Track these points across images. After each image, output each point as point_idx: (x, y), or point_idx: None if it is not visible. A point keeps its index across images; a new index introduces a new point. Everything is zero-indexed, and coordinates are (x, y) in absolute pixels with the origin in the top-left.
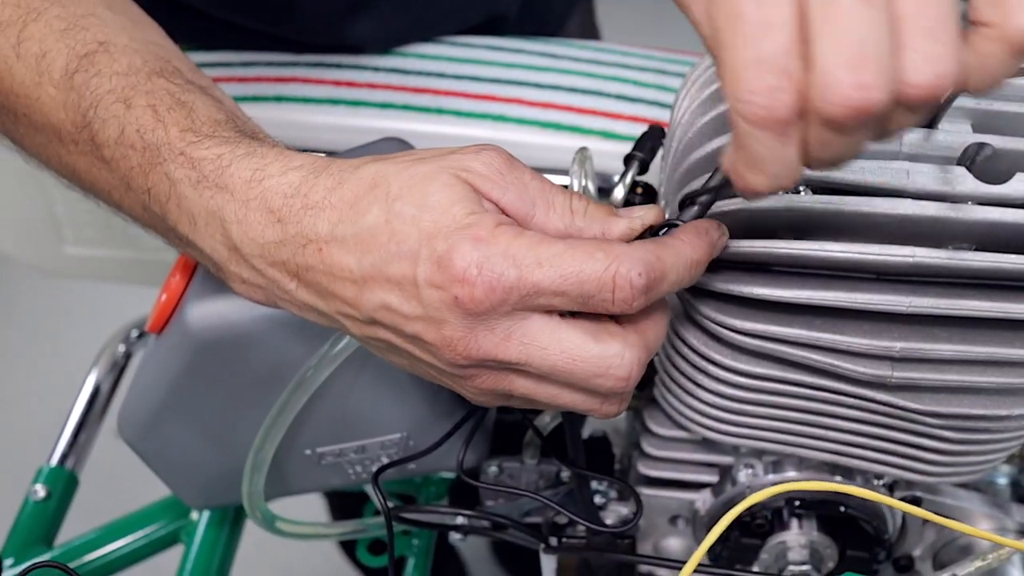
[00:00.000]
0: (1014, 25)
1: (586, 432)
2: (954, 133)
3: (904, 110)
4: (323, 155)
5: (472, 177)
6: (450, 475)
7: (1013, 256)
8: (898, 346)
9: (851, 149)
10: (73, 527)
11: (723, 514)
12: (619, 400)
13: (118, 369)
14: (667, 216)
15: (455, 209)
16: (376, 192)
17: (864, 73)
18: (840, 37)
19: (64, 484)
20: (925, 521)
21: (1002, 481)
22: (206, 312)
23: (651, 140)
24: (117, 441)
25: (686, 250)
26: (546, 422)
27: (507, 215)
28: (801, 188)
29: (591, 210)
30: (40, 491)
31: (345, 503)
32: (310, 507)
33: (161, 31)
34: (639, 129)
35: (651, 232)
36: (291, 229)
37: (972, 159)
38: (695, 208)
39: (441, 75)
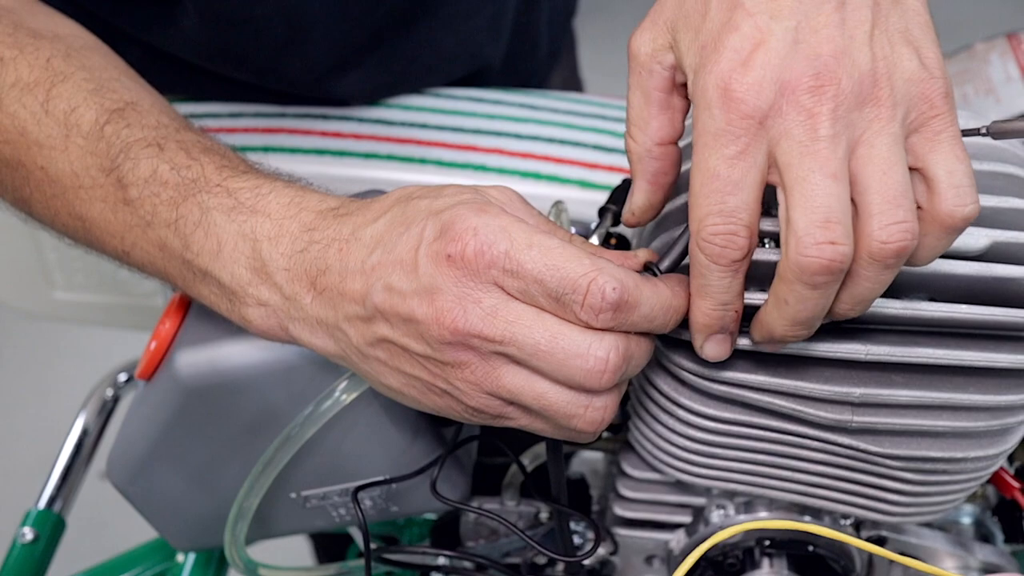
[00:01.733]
0: (942, 210)
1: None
2: None
3: (879, 267)
4: None
5: (486, 194)
6: (432, 517)
7: (965, 307)
8: (857, 392)
9: (822, 305)
10: (59, 570)
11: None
12: (602, 408)
13: (106, 413)
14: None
15: (465, 195)
16: (400, 199)
17: (833, 232)
18: (812, 205)
19: (52, 527)
20: (892, 561)
21: (966, 520)
22: (195, 360)
23: (625, 192)
24: (102, 484)
25: (666, 293)
26: (527, 462)
27: None
28: (766, 242)
29: (587, 244)
30: (28, 534)
31: (330, 543)
32: (292, 547)
33: (177, 111)
34: (616, 178)
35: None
36: (318, 235)
37: None
38: (671, 257)
39: (424, 126)
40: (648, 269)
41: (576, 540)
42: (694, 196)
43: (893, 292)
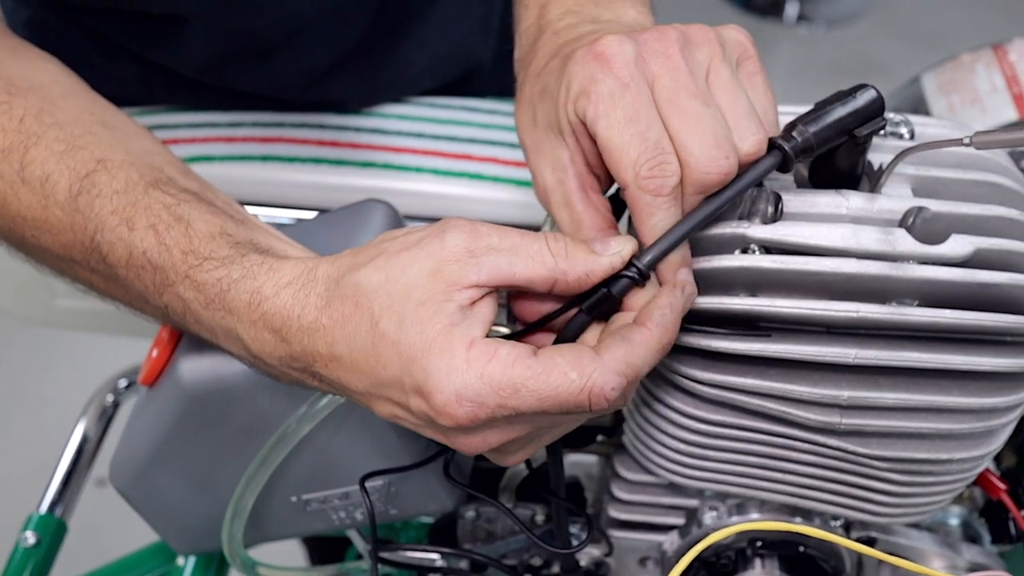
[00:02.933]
0: None
1: None
2: (895, 198)
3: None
4: (310, 252)
5: (443, 275)
6: (428, 520)
7: (949, 311)
8: (845, 395)
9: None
10: (59, 575)
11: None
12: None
13: (106, 418)
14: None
15: (428, 330)
16: (360, 313)
17: (726, 149)
18: (702, 131)
19: (53, 531)
20: (880, 561)
21: (953, 522)
22: (198, 366)
23: (616, 203)
24: (99, 491)
25: (653, 343)
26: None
27: (489, 287)
28: (756, 249)
29: (571, 250)
30: (30, 538)
31: (324, 548)
32: (288, 551)
33: (155, 139)
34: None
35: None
36: (296, 348)
37: (912, 221)
38: (653, 252)
39: (420, 135)
40: (631, 264)
41: (573, 542)
42: (616, 150)
43: (880, 297)
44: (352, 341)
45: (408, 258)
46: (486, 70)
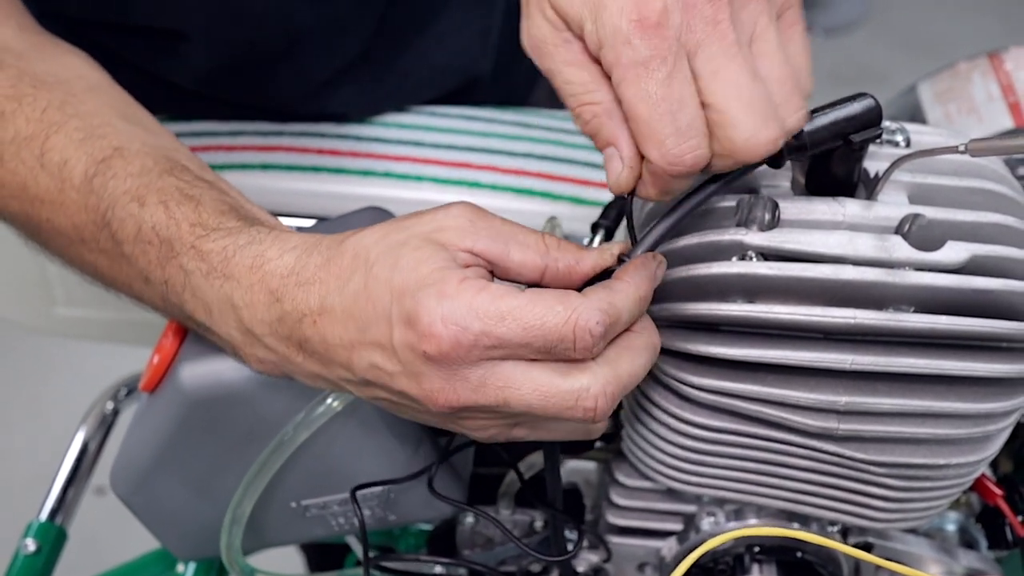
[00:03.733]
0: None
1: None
2: (891, 205)
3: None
4: (316, 233)
5: (442, 235)
6: (427, 527)
7: (945, 317)
8: (843, 400)
9: None
10: None
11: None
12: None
13: (106, 426)
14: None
15: (422, 268)
16: (356, 262)
17: (770, 126)
18: (748, 102)
19: (54, 538)
20: (879, 567)
21: (950, 527)
22: (199, 372)
23: (616, 208)
24: (98, 498)
25: (631, 290)
26: (523, 472)
27: (483, 259)
28: (753, 256)
29: (563, 244)
30: (31, 545)
31: (322, 556)
32: (287, 558)
33: (172, 136)
34: (607, 195)
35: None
36: (287, 306)
37: (908, 228)
38: (646, 243)
39: (419, 144)
40: (621, 261)
41: (568, 548)
42: (644, 124)
43: (877, 304)
44: (345, 288)
45: (410, 222)
46: (485, 81)
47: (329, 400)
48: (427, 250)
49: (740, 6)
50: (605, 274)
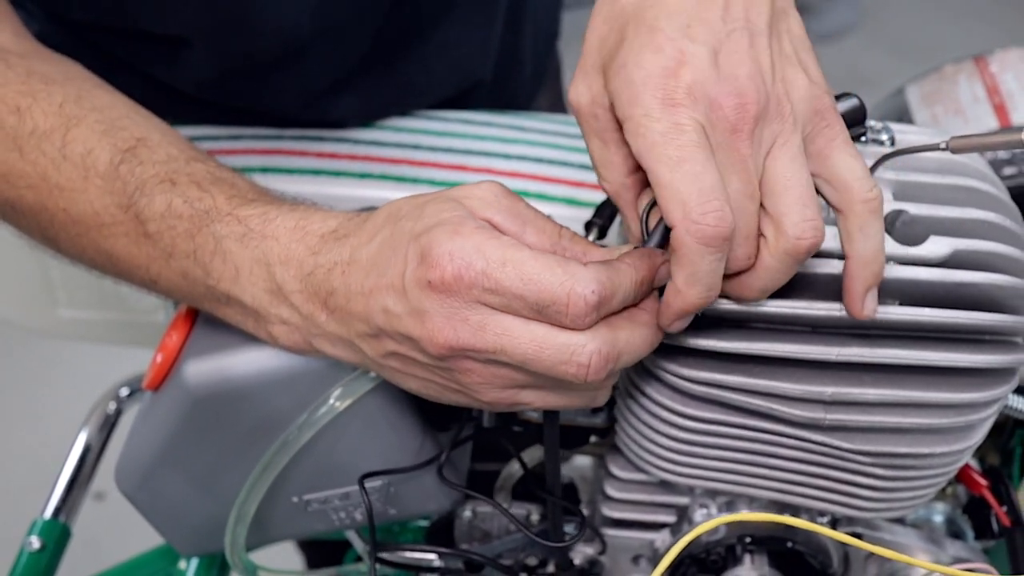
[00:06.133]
0: (856, 199)
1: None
2: None
3: (792, 262)
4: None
5: (469, 201)
6: (426, 524)
7: (928, 310)
8: (829, 391)
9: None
10: None
11: (682, 552)
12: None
13: (109, 425)
14: None
15: (443, 214)
16: (389, 220)
17: (815, 214)
18: (796, 191)
19: (58, 536)
20: (868, 557)
21: (938, 519)
22: (202, 369)
23: (609, 208)
24: (97, 503)
25: (631, 272)
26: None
27: (499, 231)
28: None
29: (576, 238)
30: (35, 543)
31: (321, 554)
32: (288, 555)
33: (183, 135)
34: (601, 196)
35: None
36: (322, 259)
37: (892, 224)
38: (652, 241)
39: (416, 147)
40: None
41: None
42: (668, 189)
43: None
44: (374, 240)
45: (442, 190)
46: (486, 86)
47: (332, 400)
48: (452, 204)
49: (764, 123)
50: None
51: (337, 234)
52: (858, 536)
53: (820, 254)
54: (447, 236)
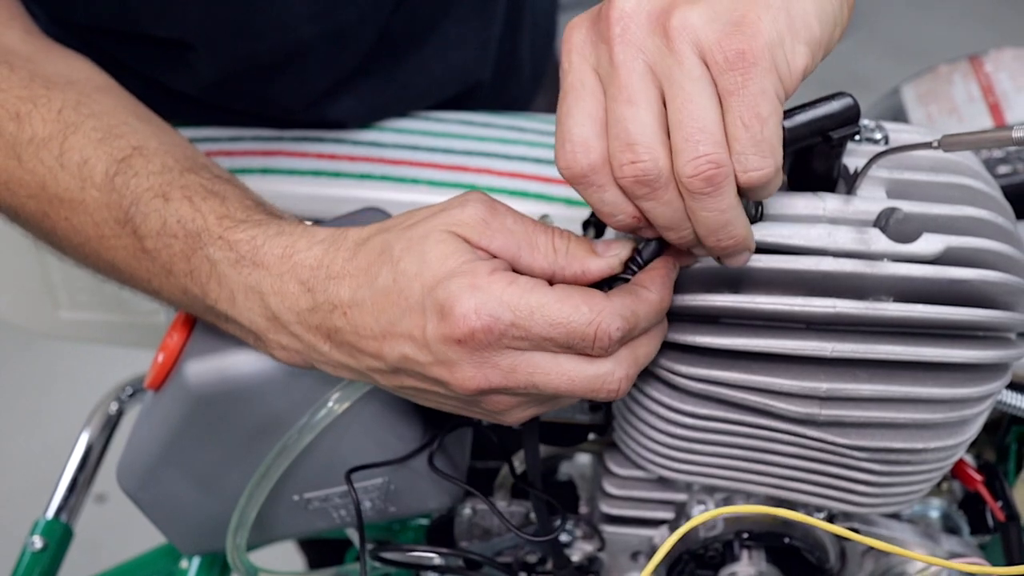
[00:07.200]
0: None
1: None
2: (870, 199)
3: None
4: (339, 227)
5: (462, 230)
6: (426, 523)
7: (922, 306)
8: (824, 387)
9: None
10: None
11: (680, 548)
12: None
13: (111, 425)
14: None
15: (450, 261)
16: (383, 257)
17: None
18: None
19: (60, 536)
20: (864, 552)
21: (934, 514)
22: (204, 369)
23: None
24: (97, 506)
25: (654, 299)
26: (517, 464)
27: (496, 258)
28: None
29: (572, 248)
30: (37, 542)
31: (321, 554)
32: (288, 556)
33: (184, 137)
34: None
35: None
36: (319, 297)
37: (885, 221)
38: (652, 246)
39: (416, 148)
40: (632, 260)
41: (565, 538)
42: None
43: (856, 294)
44: (374, 283)
45: (429, 214)
46: (485, 87)
47: (331, 403)
48: (451, 244)
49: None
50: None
51: (328, 271)
52: (854, 531)
53: (812, 251)
54: (467, 292)
